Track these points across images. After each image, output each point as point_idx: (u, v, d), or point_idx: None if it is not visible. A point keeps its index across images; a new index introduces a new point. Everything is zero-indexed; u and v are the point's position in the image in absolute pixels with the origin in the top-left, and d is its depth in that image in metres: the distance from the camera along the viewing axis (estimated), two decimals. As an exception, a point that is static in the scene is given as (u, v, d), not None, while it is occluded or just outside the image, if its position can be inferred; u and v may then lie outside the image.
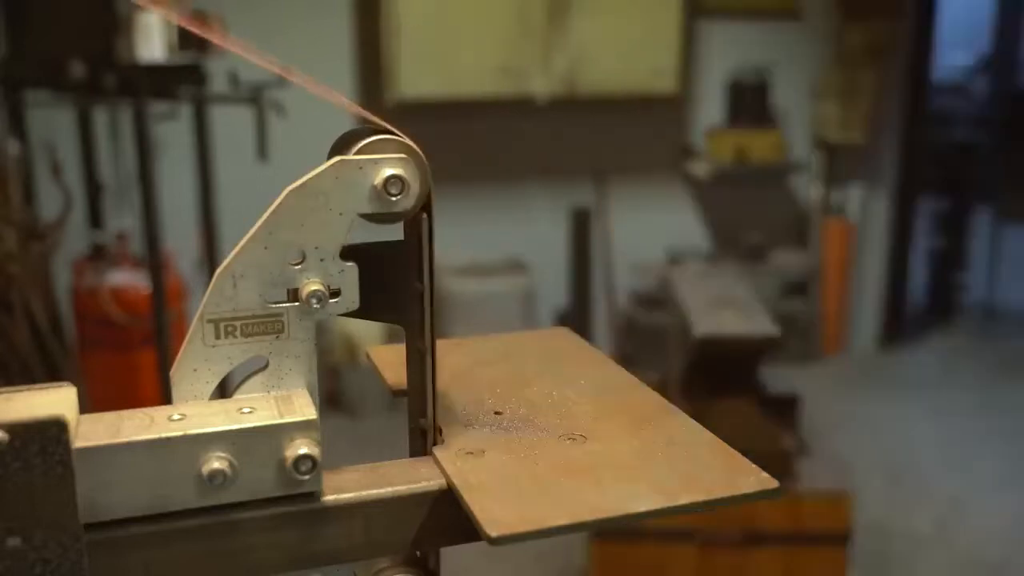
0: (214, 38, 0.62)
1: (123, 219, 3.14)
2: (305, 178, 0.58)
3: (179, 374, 0.59)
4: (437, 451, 0.62)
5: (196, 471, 0.54)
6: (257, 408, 0.57)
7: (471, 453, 0.61)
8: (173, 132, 3.06)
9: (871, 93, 4.54)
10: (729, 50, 4.45)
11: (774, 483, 0.56)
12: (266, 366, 0.61)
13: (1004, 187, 6.12)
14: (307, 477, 0.56)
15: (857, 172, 4.77)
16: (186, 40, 2.71)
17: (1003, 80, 8.61)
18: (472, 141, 4.13)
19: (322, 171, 0.58)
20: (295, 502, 0.57)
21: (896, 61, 4.63)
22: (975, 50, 8.75)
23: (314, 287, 0.59)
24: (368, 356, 0.80)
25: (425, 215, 0.61)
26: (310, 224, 0.59)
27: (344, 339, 3.89)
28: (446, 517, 0.58)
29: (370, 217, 0.60)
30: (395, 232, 0.63)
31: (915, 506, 3.44)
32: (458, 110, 4.02)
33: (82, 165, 3.11)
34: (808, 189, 4.72)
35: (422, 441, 0.64)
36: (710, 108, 4.51)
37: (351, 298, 0.61)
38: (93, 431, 0.54)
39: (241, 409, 0.57)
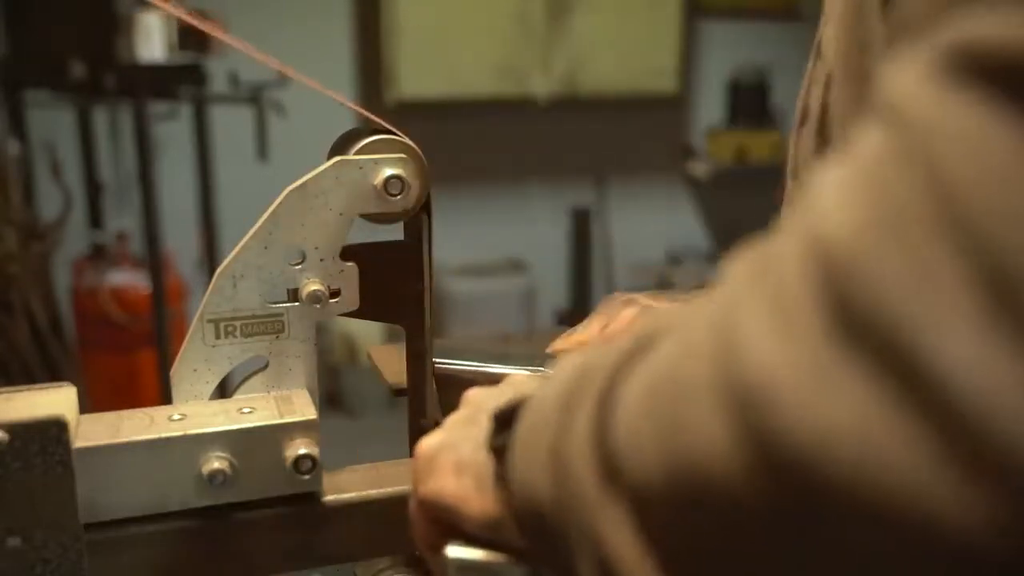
0: (216, 34, 0.62)
1: (123, 219, 3.14)
2: (305, 178, 0.58)
3: (179, 374, 0.59)
4: (437, 451, 0.62)
5: (196, 471, 0.54)
6: (257, 408, 0.57)
7: (471, 453, 0.61)
8: (173, 132, 3.06)
9: (871, 93, 4.53)
10: (729, 50, 4.45)
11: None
12: (266, 366, 0.61)
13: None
14: (307, 477, 0.56)
15: (857, 172, 4.76)
16: (186, 40, 2.71)
17: (1003, 80, 8.62)
18: (472, 141, 4.13)
19: (322, 171, 0.58)
20: (295, 502, 0.57)
21: (896, 61, 4.62)
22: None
23: (314, 287, 0.59)
24: (368, 356, 0.80)
25: (425, 215, 0.62)
26: (310, 224, 0.59)
27: (344, 339, 3.89)
28: (446, 517, 0.58)
29: (370, 217, 0.60)
30: (395, 232, 0.64)
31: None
32: (458, 110, 4.02)
33: (82, 165, 3.11)
34: (808, 189, 4.71)
35: (422, 441, 0.64)
36: (710, 108, 4.51)
37: (351, 298, 0.61)
38: (93, 431, 0.54)
39: (241, 409, 0.57)
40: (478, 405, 0.52)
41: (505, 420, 0.46)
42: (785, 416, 0.28)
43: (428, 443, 0.52)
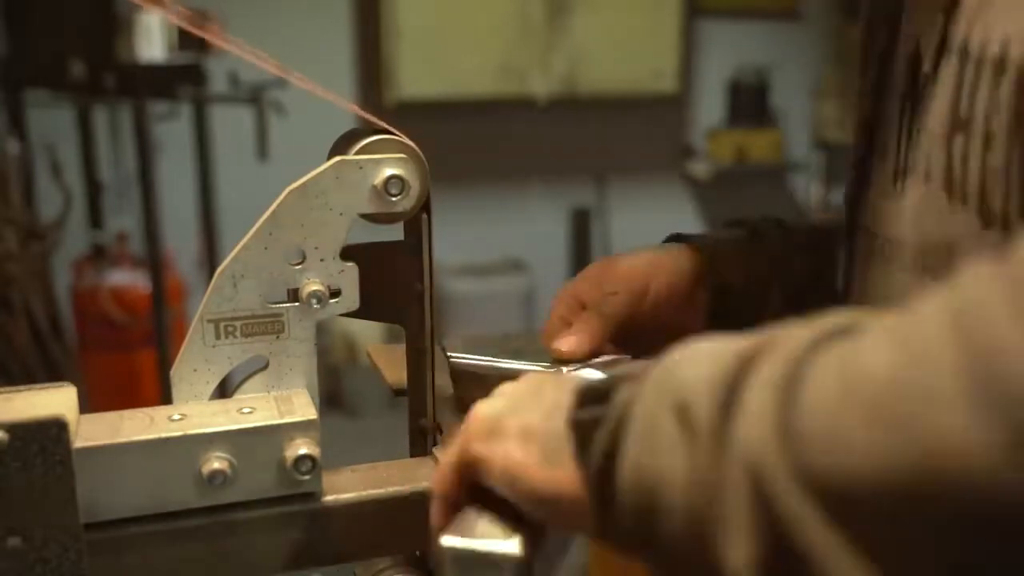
0: (215, 39, 0.62)
1: (123, 219, 3.14)
2: (305, 178, 0.58)
3: (179, 374, 0.59)
4: (437, 451, 0.62)
5: (196, 471, 0.54)
6: (257, 408, 0.57)
7: (471, 453, 0.61)
8: (173, 132, 3.06)
9: (871, 93, 4.53)
10: (729, 50, 4.45)
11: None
12: (266, 366, 0.61)
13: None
14: (307, 477, 0.56)
15: (857, 172, 4.76)
16: (186, 40, 2.71)
17: (1003, 80, 8.61)
18: (472, 141, 4.13)
19: (322, 171, 0.58)
20: (295, 502, 0.57)
21: (896, 61, 4.62)
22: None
23: (314, 287, 0.59)
24: (368, 356, 0.80)
25: (425, 215, 0.62)
26: (310, 224, 0.59)
27: (344, 339, 3.89)
28: (446, 517, 0.58)
29: (370, 217, 0.60)
30: (395, 232, 0.64)
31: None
32: (458, 110, 4.02)
33: (82, 165, 3.11)
34: (808, 189, 4.72)
35: (422, 441, 0.64)
36: (710, 108, 4.51)
37: (351, 298, 0.61)
38: (93, 431, 0.54)
39: (241, 409, 0.57)
40: (539, 383, 0.51)
41: (593, 396, 0.45)
42: None
43: (490, 406, 0.51)
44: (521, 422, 0.48)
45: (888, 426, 0.32)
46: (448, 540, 0.48)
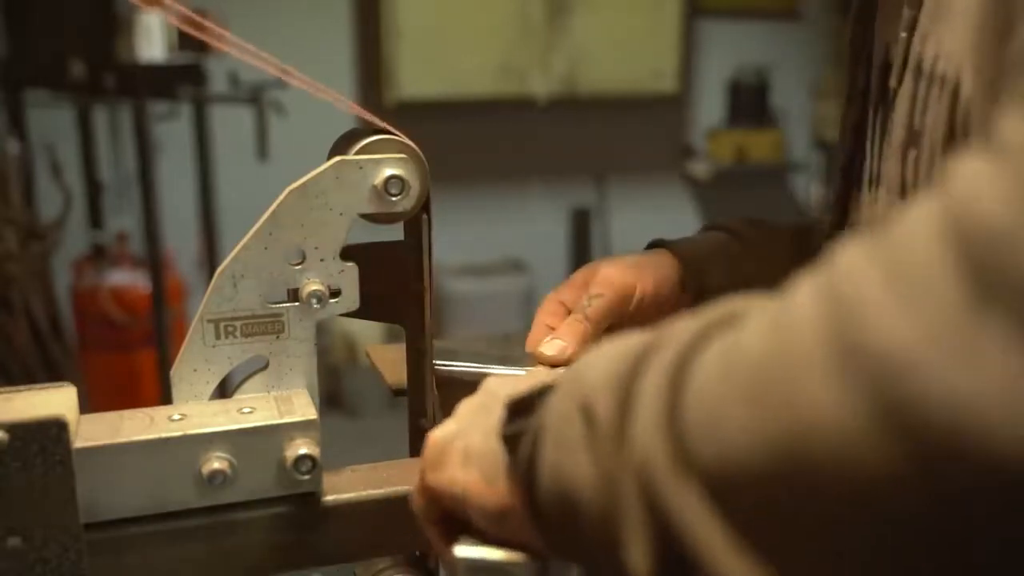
0: (214, 40, 0.62)
1: (123, 219, 3.14)
2: (305, 178, 0.58)
3: (179, 374, 0.59)
4: (437, 451, 0.62)
5: (196, 471, 0.54)
6: (257, 408, 0.57)
7: (471, 453, 0.61)
8: (173, 132, 3.06)
9: (871, 93, 4.53)
10: (729, 50, 4.45)
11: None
12: (266, 366, 0.61)
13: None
14: (307, 477, 0.56)
15: (857, 172, 4.76)
16: (186, 40, 2.71)
17: (1003, 80, 8.61)
18: (472, 141, 4.13)
19: (322, 171, 0.58)
20: (295, 502, 0.57)
21: (896, 61, 4.62)
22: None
23: (314, 287, 0.59)
24: (368, 356, 0.80)
25: (425, 215, 0.62)
26: (310, 224, 0.59)
27: (344, 339, 3.89)
28: (446, 517, 0.58)
29: (370, 217, 0.61)
30: (395, 232, 0.64)
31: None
32: (458, 110, 4.02)
33: (82, 165, 3.11)
34: (808, 189, 4.72)
35: (422, 441, 0.64)
36: (710, 108, 4.51)
37: (351, 298, 0.61)
38: (93, 431, 0.54)
39: (241, 409, 0.57)
40: (493, 393, 0.51)
41: (521, 408, 0.45)
42: (923, 383, 0.27)
43: (440, 432, 0.52)
44: (463, 445, 0.49)
45: (760, 402, 0.32)
46: (461, 551, 0.48)
